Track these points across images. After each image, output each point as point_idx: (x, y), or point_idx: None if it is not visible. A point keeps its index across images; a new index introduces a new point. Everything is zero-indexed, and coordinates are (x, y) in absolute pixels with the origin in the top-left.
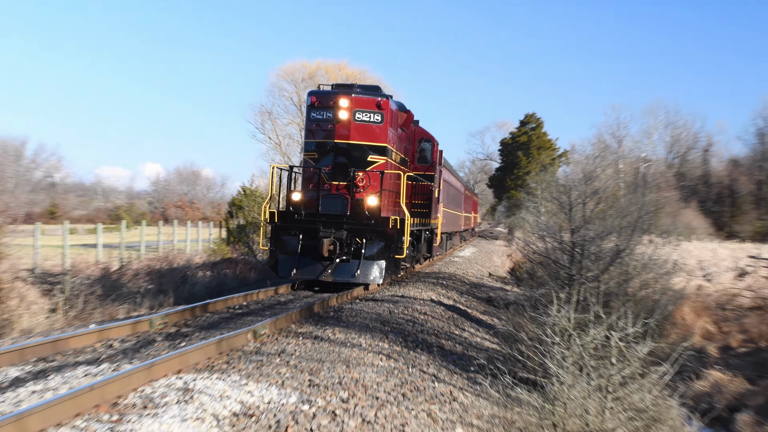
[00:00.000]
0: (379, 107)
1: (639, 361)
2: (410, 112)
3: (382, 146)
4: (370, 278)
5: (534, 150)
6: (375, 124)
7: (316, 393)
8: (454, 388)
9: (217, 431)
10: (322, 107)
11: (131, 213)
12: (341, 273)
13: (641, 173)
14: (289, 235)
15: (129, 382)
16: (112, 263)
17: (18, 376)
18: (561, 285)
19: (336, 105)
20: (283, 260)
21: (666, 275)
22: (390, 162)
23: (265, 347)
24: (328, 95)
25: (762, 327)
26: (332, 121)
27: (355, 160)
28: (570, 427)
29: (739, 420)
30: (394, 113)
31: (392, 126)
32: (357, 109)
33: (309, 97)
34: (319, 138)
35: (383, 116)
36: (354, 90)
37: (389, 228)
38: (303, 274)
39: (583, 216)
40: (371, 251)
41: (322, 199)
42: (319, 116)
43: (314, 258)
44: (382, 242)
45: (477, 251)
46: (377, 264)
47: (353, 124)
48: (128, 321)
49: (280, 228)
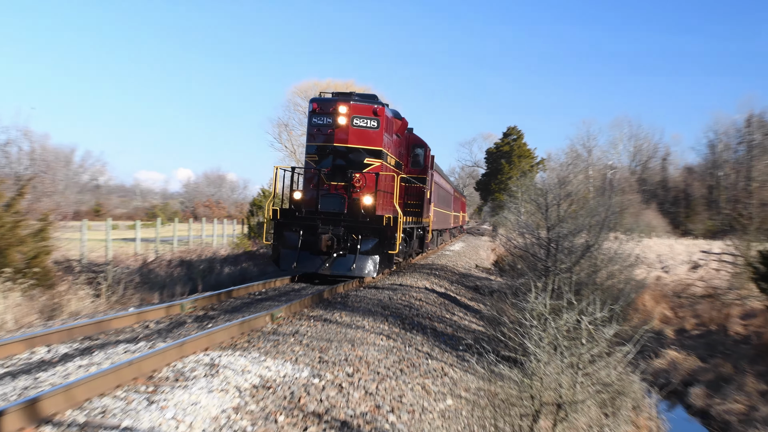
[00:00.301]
0: (376, 114)
1: (605, 342)
2: (404, 120)
3: (378, 150)
4: (365, 272)
5: (515, 158)
6: (371, 130)
7: (325, 368)
8: (445, 364)
9: (239, 401)
10: (322, 113)
11: (165, 211)
12: (338, 267)
13: (608, 179)
14: (291, 231)
15: (163, 358)
16: (149, 255)
17: (67, 352)
18: (538, 275)
19: (335, 111)
20: (285, 254)
21: (629, 267)
22: (385, 164)
23: (281, 328)
24: (328, 102)
25: (712, 312)
26: (332, 126)
27: (353, 163)
28: (546, 399)
29: (692, 393)
30: (389, 120)
31: (387, 131)
32: (355, 115)
33: (311, 103)
34: (319, 141)
35: (379, 122)
36: (352, 98)
37: (383, 225)
38: (303, 267)
39: (557, 215)
40: (366, 247)
41: (321, 198)
42: (320, 121)
43: (313, 252)
44: (377, 238)
45: (465, 246)
46: (372, 259)
47: (351, 129)
48: (162, 305)
49: (283, 224)
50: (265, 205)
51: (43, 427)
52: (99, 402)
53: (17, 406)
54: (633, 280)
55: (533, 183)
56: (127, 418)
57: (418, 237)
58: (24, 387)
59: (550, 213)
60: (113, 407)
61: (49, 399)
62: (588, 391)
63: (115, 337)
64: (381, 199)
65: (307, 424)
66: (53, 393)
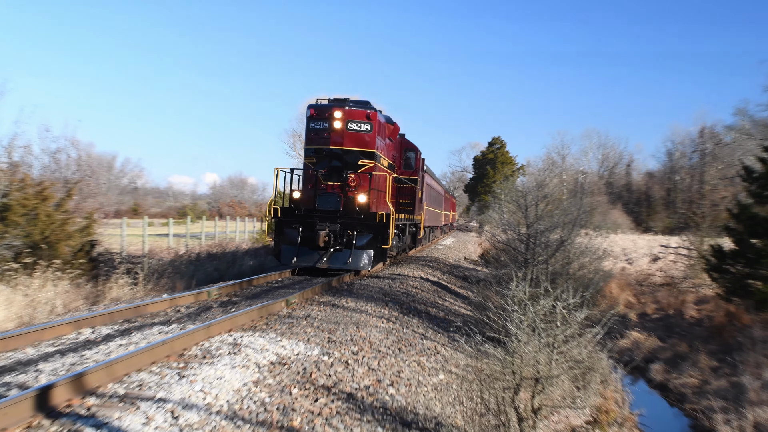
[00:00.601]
0: (369, 118)
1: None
2: (396, 125)
3: (371, 152)
4: (360, 265)
5: (499, 164)
6: (365, 133)
7: (333, 347)
8: (438, 344)
9: (259, 376)
10: (319, 118)
11: (194, 210)
12: (335, 261)
13: (579, 182)
14: (291, 227)
15: (192, 338)
16: (180, 248)
17: (109, 333)
18: (519, 266)
19: (331, 116)
20: (286, 249)
21: (598, 259)
22: (378, 165)
23: (295, 312)
24: (325, 108)
25: (670, 299)
26: (328, 130)
27: (348, 164)
28: (525, 374)
29: (652, 369)
30: (382, 124)
31: (380, 135)
32: (349, 119)
33: (308, 109)
34: (316, 145)
35: (372, 126)
36: (347, 103)
37: (377, 222)
38: (302, 261)
39: (535, 214)
40: (361, 242)
41: (319, 197)
42: (317, 126)
43: (312, 248)
44: (371, 234)
45: (455, 241)
46: (366, 253)
47: (346, 132)
48: (191, 292)
49: (283, 222)
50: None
51: (87, 398)
52: (136, 376)
53: (66, 380)
54: (601, 270)
55: (514, 186)
56: (161, 391)
57: (411, 233)
58: (71, 363)
59: (529, 212)
60: (149, 381)
61: (93, 374)
62: (562, 367)
63: (151, 320)
64: (374, 198)
65: (317, 395)
66: (97, 369)
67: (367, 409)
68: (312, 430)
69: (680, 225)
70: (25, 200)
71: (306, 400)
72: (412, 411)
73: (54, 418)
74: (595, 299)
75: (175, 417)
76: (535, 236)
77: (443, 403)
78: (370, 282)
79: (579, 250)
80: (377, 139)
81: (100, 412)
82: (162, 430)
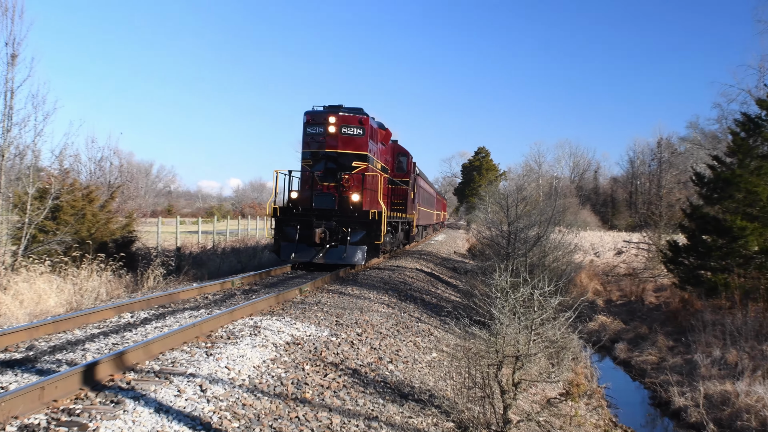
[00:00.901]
0: (361, 123)
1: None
2: (389, 130)
3: (364, 154)
4: (354, 260)
5: (484, 171)
6: (358, 137)
7: (340, 329)
8: (431, 326)
9: (275, 354)
10: (315, 123)
11: (220, 211)
12: (331, 256)
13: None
14: (289, 226)
15: (218, 322)
16: (207, 243)
17: (146, 317)
18: (501, 259)
19: (326, 121)
20: (285, 246)
21: (570, 253)
22: (370, 167)
23: (307, 299)
24: (320, 114)
25: (632, 287)
26: (323, 135)
27: (342, 165)
28: (507, 352)
29: (617, 348)
30: (374, 129)
31: (372, 139)
32: (343, 124)
33: (305, 116)
34: (313, 148)
35: (365, 130)
36: (341, 110)
37: (369, 219)
38: (300, 257)
39: (515, 214)
40: (355, 238)
41: (315, 197)
42: (313, 131)
43: (309, 244)
44: (364, 231)
45: (446, 237)
46: (360, 249)
47: (340, 136)
48: (217, 281)
49: (282, 220)
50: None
51: (128, 374)
52: (170, 355)
53: (108, 357)
54: (572, 262)
55: (497, 190)
56: (191, 367)
57: (404, 230)
58: (114, 343)
59: (510, 212)
60: (180, 358)
61: (132, 352)
62: (539, 347)
63: (182, 306)
64: (367, 197)
65: (327, 371)
66: (135, 348)
67: (369, 383)
68: (322, 402)
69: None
70: (74, 202)
71: (317, 375)
72: (409, 384)
73: (98, 391)
74: (567, 288)
75: (203, 390)
76: (516, 233)
77: (436, 378)
78: (372, 273)
79: (553, 245)
80: (369, 143)
81: (139, 386)
82: (192, 401)
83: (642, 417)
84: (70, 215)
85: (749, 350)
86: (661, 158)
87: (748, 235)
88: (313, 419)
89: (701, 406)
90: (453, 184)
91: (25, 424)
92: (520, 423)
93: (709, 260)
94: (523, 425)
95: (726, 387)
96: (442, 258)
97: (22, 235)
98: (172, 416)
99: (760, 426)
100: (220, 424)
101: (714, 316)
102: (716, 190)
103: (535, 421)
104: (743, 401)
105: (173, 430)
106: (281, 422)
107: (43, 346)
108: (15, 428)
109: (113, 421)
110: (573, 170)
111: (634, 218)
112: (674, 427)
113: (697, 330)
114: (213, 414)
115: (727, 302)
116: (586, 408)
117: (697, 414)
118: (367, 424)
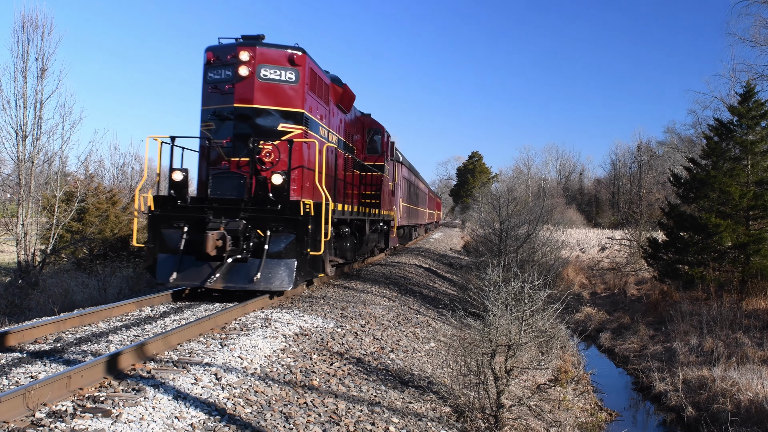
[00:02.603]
0: (293, 63)
1: (541, 302)
2: (351, 91)
3: (298, 112)
4: (274, 283)
5: (477, 173)
6: (287, 84)
7: (345, 321)
8: (429, 318)
9: (285, 344)
10: (220, 64)
11: None
12: (235, 278)
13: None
14: (171, 227)
15: (232, 315)
16: None
17: (165, 310)
18: (494, 255)
19: (237, 60)
20: (163, 260)
21: (557, 249)
22: (310, 133)
23: (314, 293)
24: (227, 49)
25: (615, 280)
26: (231, 81)
27: (261, 130)
28: (500, 342)
29: (602, 337)
30: (317, 76)
31: (314, 91)
32: (263, 64)
33: (205, 53)
34: (215, 104)
35: (298, 75)
36: (260, 43)
37: (301, 215)
38: (185, 278)
39: (507, 213)
40: (277, 247)
41: (213, 180)
42: (217, 76)
43: (201, 258)
44: (293, 234)
45: (443, 235)
46: (285, 264)
47: (257, 83)
48: None
49: (160, 218)
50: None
51: (148, 363)
52: (187, 345)
53: (130, 348)
54: (560, 258)
55: (490, 191)
56: (207, 357)
57: (382, 231)
58: (135, 335)
59: (501, 211)
60: (197, 349)
61: (152, 343)
62: (529, 336)
63: (199, 300)
64: (305, 181)
65: (332, 360)
66: (155, 339)
67: (372, 371)
68: (329, 388)
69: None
70: (98, 204)
71: (323, 363)
72: (409, 372)
73: (121, 380)
74: (555, 281)
75: (218, 378)
76: (507, 231)
77: (434, 366)
78: (374, 269)
79: (542, 242)
80: (309, 96)
81: (158, 375)
82: (207, 388)
83: (625, 401)
84: (95, 216)
85: (724, 338)
86: (641, 161)
87: (722, 231)
88: (320, 405)
89: (680, 390)
90: (449, 185)
91: (53, 411)
92: (513, 407)
93: (686, 255)
94: (515, 409)
95: (703, 372)
96: (439, 254)
97: (50, 235)
98: (189, 403)
99: (735, 408)
100: (233, 409)
101: (691, 306)
102: (692, 190)
103: (526, 405)
104: (719, 386)
105: (190, 416)
106: (291, 408)
107: (70, 338)
108: (44, 414)
109: (135, 408)
110: (560, 172)
111: (616, 217)
112: (655, 410)
113: (675, 320)
114: (227, 400)
115: (703, 294)
116: (573, 393)
117: (677, 398)
118: (370, 409)
